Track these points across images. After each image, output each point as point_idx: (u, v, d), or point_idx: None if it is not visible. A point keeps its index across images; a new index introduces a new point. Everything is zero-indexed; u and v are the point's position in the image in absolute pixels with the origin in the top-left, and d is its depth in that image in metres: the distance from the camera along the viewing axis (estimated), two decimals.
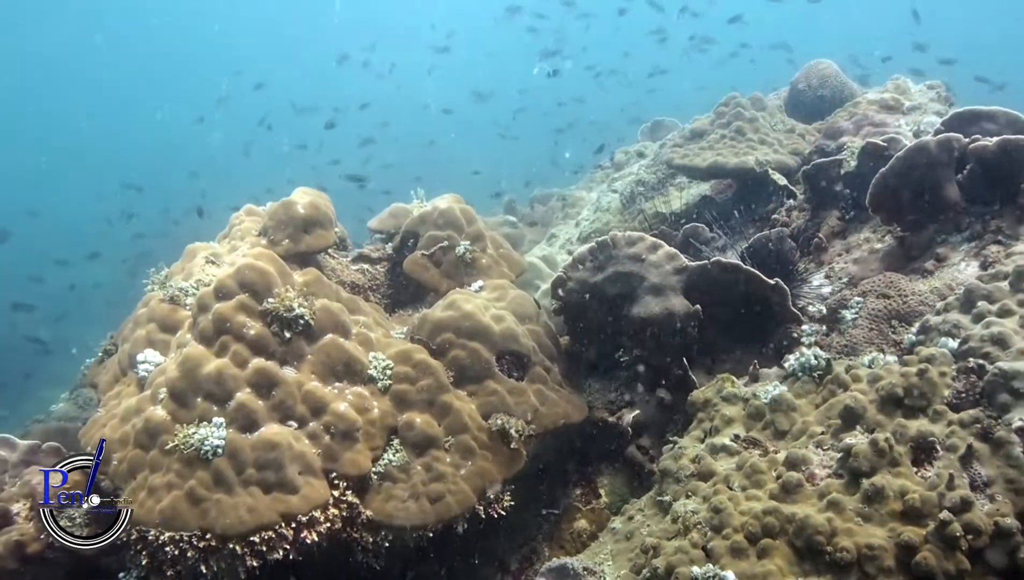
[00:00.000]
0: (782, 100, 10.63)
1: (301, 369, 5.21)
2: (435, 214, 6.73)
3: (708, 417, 5.32)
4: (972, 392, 4.25)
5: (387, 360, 5.48)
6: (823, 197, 7.05)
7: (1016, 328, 4.39)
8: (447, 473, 5.22)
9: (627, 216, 10.47)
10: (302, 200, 6.25)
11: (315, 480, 4.90)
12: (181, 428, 4.81)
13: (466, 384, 5.64)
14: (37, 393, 18.25)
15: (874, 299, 5.55)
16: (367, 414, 5.22)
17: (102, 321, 20.63)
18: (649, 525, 5.06)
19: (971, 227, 5.66)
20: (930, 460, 4.14)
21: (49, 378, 18.38)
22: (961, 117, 6.20)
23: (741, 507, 4.36)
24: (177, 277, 5.99)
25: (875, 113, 8.27)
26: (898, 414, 4.39)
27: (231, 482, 4.71)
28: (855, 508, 4.06)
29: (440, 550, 5.66)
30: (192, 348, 5.11)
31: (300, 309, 5.22)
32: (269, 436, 4.85)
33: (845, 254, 6.46)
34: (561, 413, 5.85)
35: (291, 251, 6.00)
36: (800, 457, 4.44)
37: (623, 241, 6.12)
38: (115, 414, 5.27)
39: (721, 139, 8.53)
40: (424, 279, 6.55)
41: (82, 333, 21.78)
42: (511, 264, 6.97)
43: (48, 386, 17.69)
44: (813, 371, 5.01)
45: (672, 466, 5.14)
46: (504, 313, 5.99)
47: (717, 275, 5.79)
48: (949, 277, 5.46)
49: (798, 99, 10.13)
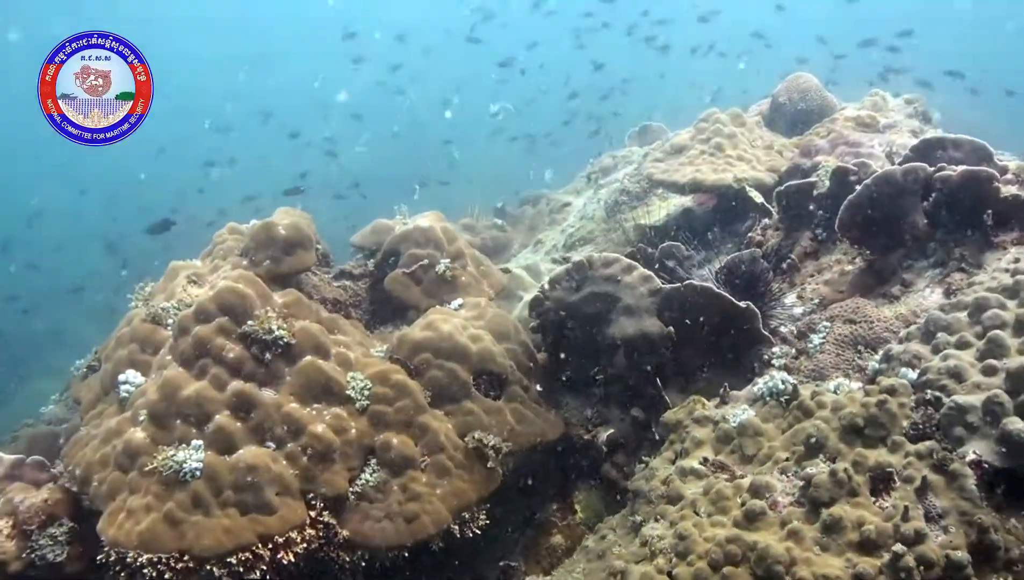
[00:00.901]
0: (763, 112, 10.74)
1: (280, 391, 5.32)
2: (416, 232, 6.84)
3: (679, 438, 5.43)
4: (929, 424, 4.36)
5: (366, 380, 5.58)
6: (796, 218, 7.16)
7: (972, 361, 4.50)
8: (423, 493, 5.33)
9: (611, 225, 10.56)
10: (283, 221, 6.35)
11: (292, 501, 5.02)
12: (160, 450, 4.92)
13: (443, 404, 5.75)
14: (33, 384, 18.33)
15: (841, 324, 5.67)
16: (345, 434, 5.33)
17: (98, 315, 20.78)
18: (620, 545, 5.17)
19: (936, 253, 5.78)
20: (888, 490, 4.25)
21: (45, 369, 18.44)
22: (928, 144, 6.31)
23: (706, 534, 4.47)
24: (159, 296, 6.10)
25: (850, 131, 8.37)
26: (858, 443, 4.51)
27: (209, 504, 4.82)
28: (814, 537, 4.17)
29: (417, 566, 5.76)
30: (172, 371, 5.22)
31: (279, 331, 5.33)
32: (247, 458, 4.96)
33: (817, 275, 6.57)
34: (537, 431, 5.97)
35: (272, 272, 6.10)
36: (764, 484, 4.55)
37: (599, 262, 6.24)
38: (96, 434, 5.38)
39: (700, 154, 8.62)
40: (405, 297, 6.66)
41: (79, 325, 21.99)
42: (491, 281, 7.09)
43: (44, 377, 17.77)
44: (780, 396, 5.11)
45: (643, 487, 5.25)
46: (482, 333, 6.10)
47: (690, 297, 5.90)
48: (914, 303, 5.58)
49: (779, 112, 10.24)
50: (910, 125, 9.11)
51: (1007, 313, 4.66)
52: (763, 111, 10.80)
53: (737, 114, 9.14)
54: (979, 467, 4.13)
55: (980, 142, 6.17)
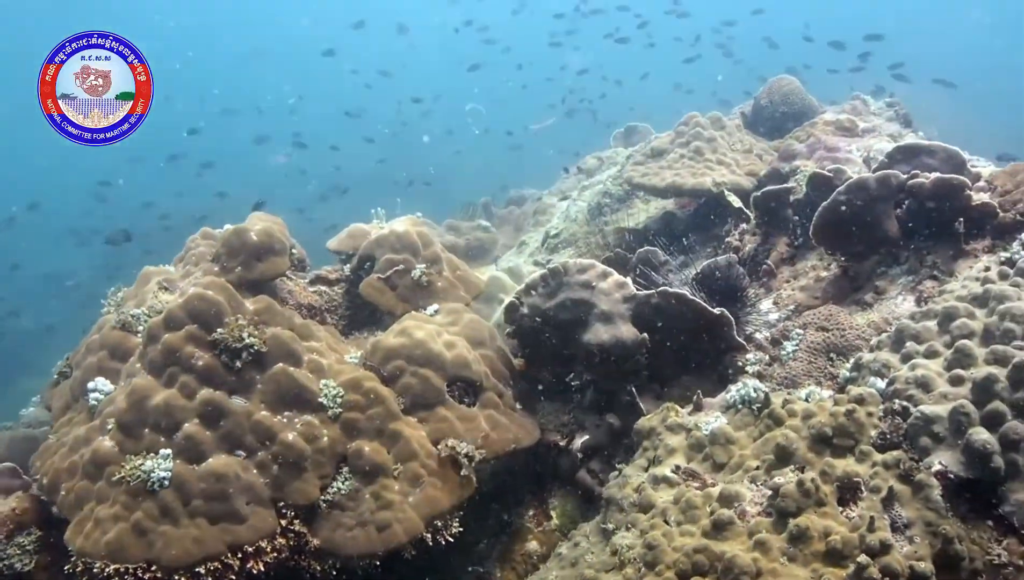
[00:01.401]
0: (746, 114, 10.77)
1: (251, 399, 5.29)
2: (392, 237, 6.82)
3: (652, 446, 5.42)
4: (896, 434, 4.37)
5: (338, 388, 5.55)
6: (773, 223, 7.17)
7: (940, 370, 4.50)
8: (395, 501, 5.31)
9: (593, 227, 10.57)
10: (255, 227, 6.32)
11: (263, 510, 5.00)
12: (128, 459, 4.89)
13: (417, 411, 5.73)
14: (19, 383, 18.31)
15: (814, 331, 5.67)
16: (316, 443, 5.30)
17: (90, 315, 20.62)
18: (592, 553, 5.16)
19: (909, 261, 5.79)
20: (855, 500, 4.25)
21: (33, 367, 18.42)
22: (903, 151, 6.31)
23: (675, 543, 4.46)
24: (130, 302, 6.07)
25: (829, 136, 8.39)
26: (827, 453, 4.50)
27: (177, 514, 4.79)
28: (781, 548, 4.17)
29: (392, 574, 5.74)
30: (141, 379, 5.19)
31: (250, 339, 5.30)
32: (216, 467, 4.94)
33: (793, 281, 6.58)
34: (512, 438, 5.95)
35: (244, 278, 6.07)
36: (733, 493, 4.54)
37: (574, 268, 6.22)
38: (65, 442, 5.35)
39: (680, 158, 8.63)
40: (380, 302, 6.64)
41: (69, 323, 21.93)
42: (468, 286, 7.07)
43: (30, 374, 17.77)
44: (752, 404, 5.10)
45: (616, 494, 5.24)
46: (457, 339, 6.08)
47: (664, 304, 5.89)
48: (887, 310, 5.59)
49: (760, 115, 10.28)
50: (890, 129, 9.15)
51: (975, 322, 4.67)
52: (745, 113, 10.83)
53: (717, 118, 9.15)
54: (945, 477, 4.14)
55: (954, 149, 6.18)
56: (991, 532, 4.06)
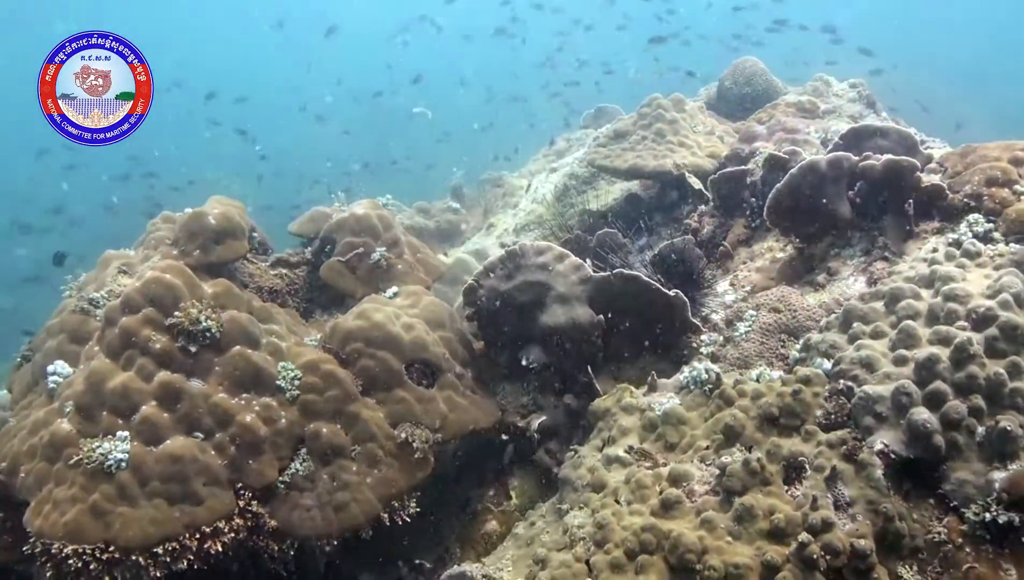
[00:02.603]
0: (711, 95, 10.84)
1: (208, 381, 5.32)
2: (351, 221, 6.86)
3: (607, 426, 5.50)
4: (841, 414, 4.46)
5: (296, 370, 5.59)
6: (731, 205, 7.24)
7: (885, 351, 4.59)
8: (353, 482, 5.37)
9: (560, 208, 10.61)
10: (213, 211, 6.34)
11: (220, 491, 5.04)
12: (86, 442, 4.92)
13: (375, 392, 5.78)
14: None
15: (766, 313, 5.75)
16: (274, 425, 5.34)
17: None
18: (548, 532, 5.24)
19: (861, 242, 5.88)
20: (800, 479, 4.35)
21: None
22: (857, 133, 6.40)
23: (624, 522, 4.54)
24: (90, 286, 6.08)
25: (790, 117, 8.47)
26: (774, 433, 4.60)
27: (135, 495, 4.84)
28: (727, 526, 4.26)
29: (352, 552, 5.80)
30: (98, 362, 5.22)
31: (207, 322, 5.33)
32: (173, 449, 4.98)
33: (749, 262, 6.65)
34: (470, 419, 6.02)
35: (202, 262, 6.09)
36: (682, 473, 4.63)
37: (531, 250, 6.28)
38: (24, 426, 5.37)
39: (642, 140, 8.67)
40: (341, 286, 6.69)
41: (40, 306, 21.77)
42: (428, 268, 7.12)
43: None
44: (704, 385, 5.19)
45: (571, 475, 5.32)
46: (415, 321, 6.13)
47: (620, 286, 5.96)
48: (839, 291, 5.68)
49: (725, 96, 10.37)
50: (851, 110, 9.24)
51: (921, 303, 4.77)
52: (711, 94, 10.90)
53: (679, 100, 9.19)
54: (887, 457, 4.23)
55: (907, 131, 6.28)
56: (932, 510, 4.18)
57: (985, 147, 5.87)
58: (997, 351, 4.31)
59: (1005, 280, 4.56)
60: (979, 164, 5.58)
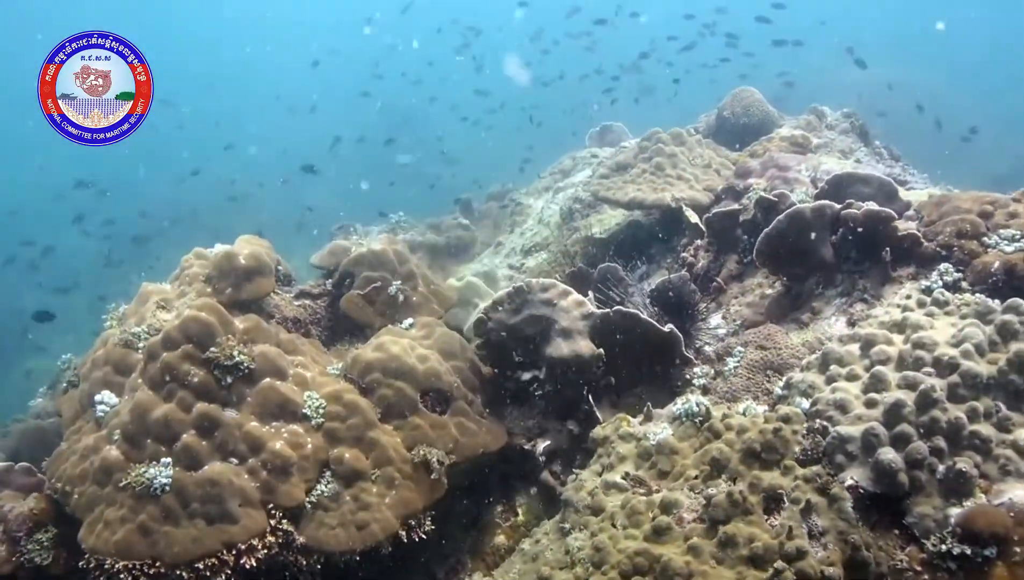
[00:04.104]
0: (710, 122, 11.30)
1: (241, 411, 5.83)
2: (369, 255, 7.36)
3: (606, 453, 5.98)
4: (816, 450, 4.93)
5: (321, 400, 6.09)
6: (724, 241, 7.72)
7: (858, 393, 5.06)
8: (373, 503, 5.86)
9: (564, 232, 11.09)
10: (243, 251, 6.79)
11: (254, 511, 5.54)
12: (133, 467, 5.43)
13: (392, 419, 6.28)
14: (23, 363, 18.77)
15: (754, 350, 6.24)
16: (301, 450, 5.84)
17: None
18: (551, 550, 5.72)
19: (843, 284, 6.34)
20: (778, 510, 4.82)
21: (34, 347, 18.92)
22: (840, 180, 6.86)
23: (620, 546, 5.03)
24: (131, 319, 6.57)
25: (783, 153, 8.91)
26: (756, 466, 5.07)
27: (178, 515, 5.35)
28: (712, 552, 4.73)
29: (374, 565, 6.28)
30: (142, 394, 5.72)
31: (240, 357, 5.83)
32: (211, 474, 5.49)
33: (741, 297, 7.13)
34: (480, 443, 6.51)
35: (233, 299, 6.55)
36: (673, 501, 5.11)
37: (537, 287, 6.78)
38: (76, 450, 5.88)
39: (642, 173, 9.14)
40: (359, 317, 7.18)
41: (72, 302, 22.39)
42: (440, 299, 7.62)
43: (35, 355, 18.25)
44: (695, 417, 5.65)
45: (573, 497, 5.80)
46: (429, 353, 6.62)
47: (619, 321, 6.44)
48: (821, 331, 6.15)
49: (723, 125, 10.83)
50: (842, 144, 9.68)
51: (892, 348, 5.23)
52: (710, 122, 11.37)
53: (678, 133, 9.64)
54: (856, 491, 4.69)
55: (887, 179, 6.74)
56: (896, 540, 4.61)
57: (958, 197, 6.32)
58: (958, 396, 4.77)
59: (967, 331, 5.02)
60: (951, 215, 6.03)
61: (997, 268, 5.44)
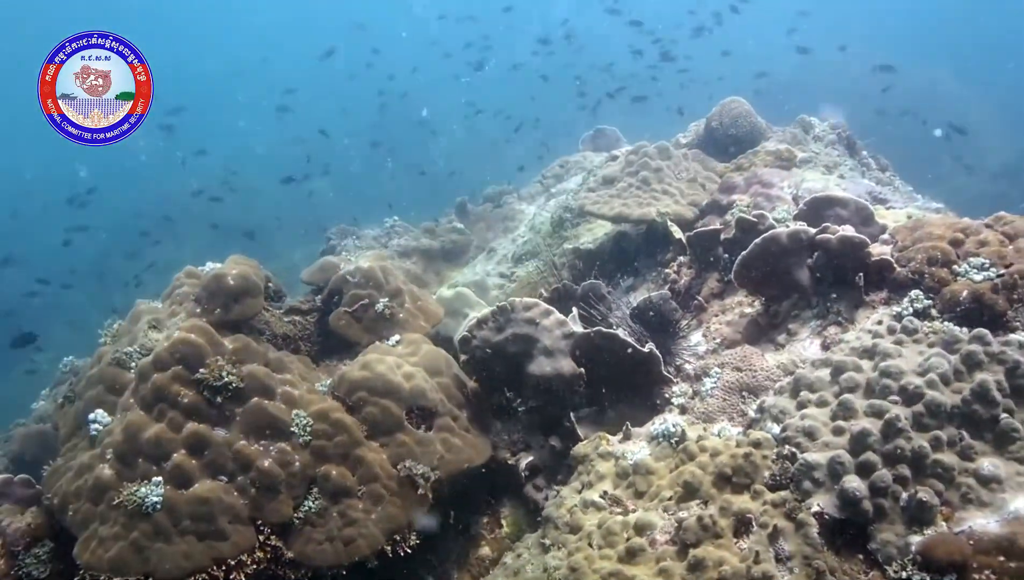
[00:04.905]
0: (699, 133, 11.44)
1: (231, 430, 5.99)
2: (357, 273, 7.51)
3: (586, 470, 6.16)
4: (784, 476, 5.10)
5: (308, 418, 6.24)
6: (706, 259, 7.87)
7: (826, 420, 5.23)
8: (359, 518, 6.04)
9: (554, 241, 11.25)
10: (232, 272, 6.89)
11: (243, 528, 5.72)
12: (125, 486, 5.60)
13: (378, 436, 6.44)
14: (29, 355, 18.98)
15: (730, 371, 6.40)
16: (289, 467, 6.01)
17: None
18: (532, 564, 5.91)
19: (819, 307, 6.48)
20: (747, 533, 4.99)
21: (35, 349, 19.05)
22: (817, 202, 7.01)
23: (594, 566, 5.21)
24: (124, 338, 6.73)
25: (767, 168, 9.07)
26: (727, 489, 5.25)
27: (169, 532, 5.53)
28: (681, 575, 4.91)
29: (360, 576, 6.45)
30: (134, 414, 5.89)
31: (228, 377, 6.00)
32: (201, 492, 5.67)
33: (721, 315, 7.29)
34: (465, 458, 6.68)
35: (222, 319, 6.68)
36: (647, 523, 5.29)
37: (520, 306, 6.94)
38: (71, 466, 6.05)
39: (628, 188, 9.28)
40: (347, 334, 7.35)
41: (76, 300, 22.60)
42: (427, 315, 7.78)
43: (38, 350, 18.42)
44: (671, 438, 5.83)
45: (553, 513, 5.99)
46: (415, 370, 6.78)
47: (600, 341, 6.61)
48: (796, 353, 6.31)
49: (711, 136, 10.95)
50: (828, 158, 9.81)
51: (861, 375, 5.40)
52: (699, 131, 11.50)
53: (664, 148, 9.77)
54: (822, 517, 4.86)
55: (863, 203, 6.89)
56: (861, 565, 4.77)
57: (932, 223, 6.45)
58: (923, 425, 4.93)
59: (933, 361, 5.18)
60: (924, 241, 6.17)
61: (965, 297, 5.58)
